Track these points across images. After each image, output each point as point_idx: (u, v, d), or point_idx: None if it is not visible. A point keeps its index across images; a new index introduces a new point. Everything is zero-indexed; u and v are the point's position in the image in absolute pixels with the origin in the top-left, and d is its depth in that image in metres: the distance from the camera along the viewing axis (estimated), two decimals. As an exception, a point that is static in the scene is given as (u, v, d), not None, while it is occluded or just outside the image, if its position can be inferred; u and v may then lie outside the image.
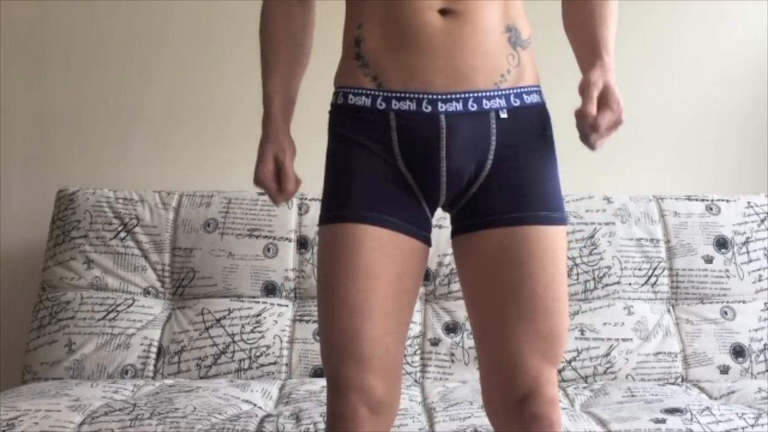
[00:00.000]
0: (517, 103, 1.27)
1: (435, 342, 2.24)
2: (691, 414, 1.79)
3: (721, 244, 2.34)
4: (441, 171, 1.25)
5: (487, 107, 1.25)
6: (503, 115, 1.26)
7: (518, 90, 1.27)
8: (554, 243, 1.24)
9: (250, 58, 2.57)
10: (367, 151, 1.26)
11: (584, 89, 1.23)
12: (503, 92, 1.26)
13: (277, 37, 1.39)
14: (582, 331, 2.23)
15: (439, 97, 1.23)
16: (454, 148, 1.24)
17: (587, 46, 1.30)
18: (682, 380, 2.20)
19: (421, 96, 1.24)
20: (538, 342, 1.22)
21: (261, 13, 1.41)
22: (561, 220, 1.27)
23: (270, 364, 2.20)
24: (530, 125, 1.29)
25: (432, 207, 1.30)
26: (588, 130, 1.21)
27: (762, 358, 2.22)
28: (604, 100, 1.22)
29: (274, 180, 1.35)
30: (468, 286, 1.30)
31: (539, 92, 1.31)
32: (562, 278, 1.25)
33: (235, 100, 2.63)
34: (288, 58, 1.39)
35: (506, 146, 1.26)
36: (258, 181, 1.37)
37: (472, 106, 1.24)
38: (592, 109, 1.20)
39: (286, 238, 2.32)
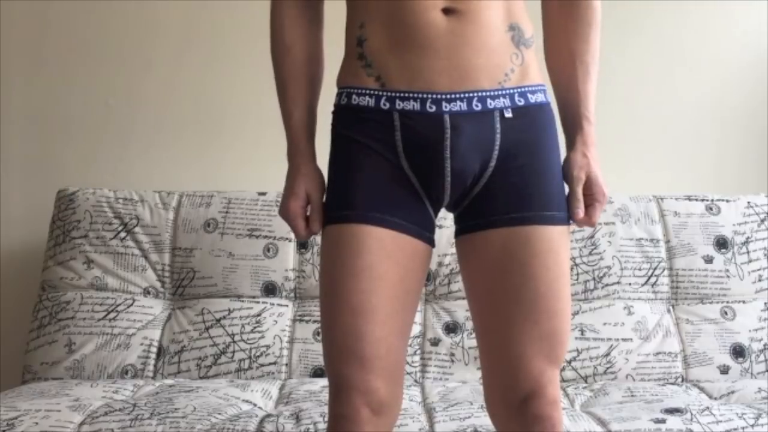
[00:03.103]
0: (522, 103, 1.27)
1: (435, 342, 2.24)
2: (691, 414, 1.79)
3: (721, 244, 2.34)
4: (445, 171, 1.25)
5: (492, 107, 1.25)
6: (507, 114, 1.25)
7: (522, 89, 1.27)
8: (558, 243, 1.24)
9: (251, 58, 2.59)
10: (371, 151, 1.26)
11: (569, 184, 1.30)
12: (507, 91, 1.26)
13: (292, 54, 1.34)
14: (582, 331, 2.23)
15: (443, 96, 1.23)
16: (459, 148, 1.24)
17: (567, 103, 1.34)
18: (682, 380, 2.20)
19: (425, 96, 1.24)
20: (541, 342, 1.22)
21: (272, 31, 1.37)
22: (564, 220, 1.27)
23: (270, 364, 2.20)
24: (534, 125, 1.28)
25: (436, 207, 1.29)
26: (582, 226, 1.31)
27: (762, 358, 2.22)
28: (590, 192, 1.30)
29: (303, 217, 1.33)
30: (471, 286, 1.30)
31: (543, 91, 1.30)
32: (565, 278, 1.25)
33: (236, 100, 2.63)
34: (306, 74, 1.35)
35: (510, 146, 1.25)
36: (286, 215, 1.34)
37: (477, 106, 1.24)
38: (581, 211, 1.28)
39: (286, 238, 2.32)
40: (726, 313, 2.28)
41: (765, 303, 2.30)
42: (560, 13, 1.34)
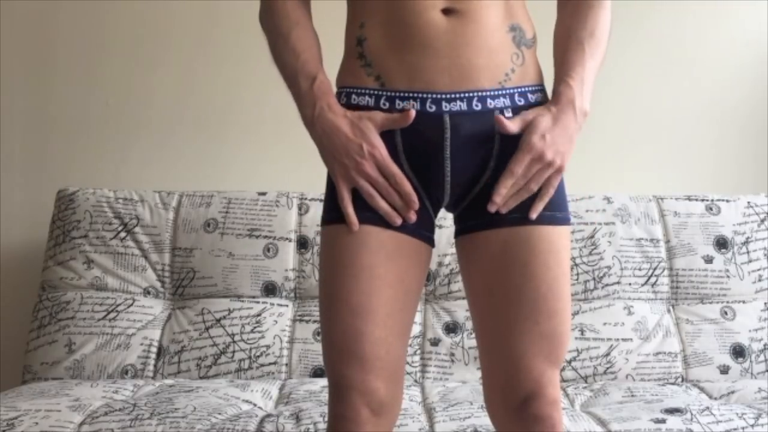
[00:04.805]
0: (522, 103, 1.27)
1: (435, 342, 2.24)
2: (691, 414, 1.80)
3: (721, 244, 2.34)
4: (445, 171, 1.24)
5: (492, 106, 1.24)
6: (507, 114, 1.25)
7: (523, 89, 1.27)
8: (558, 243, 1.24)
9: (251, 58, 2.59)
10: None
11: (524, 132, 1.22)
12: (507, 91, 1.25)
13: (302, 26, 1.29)
14: (582, 331, 2.23)
15: (443, 96, 1.23)
16: (458, 148, 1.24)
17: (555, 77, 1.28)
18: (682, 380, 2.20)
19: (424, 95, 1.23)
20: (541, 343, 1.22)
21: (271, 13, 1.33)
22: (565, 220, 1.27)
23: (270, 364, 2.20)
24: None
25: (435, 207, 1.29)
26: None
27: (762, 358, 2.22)
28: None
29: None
30: (471, 286, 1.29)
31: (543, 91, 1.30)
32: (566, 278, 1.25)
33: (236, 100, 2.63)
34: (317, 45, 1.30)
35: (510, 146, 1.25)
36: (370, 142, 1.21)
37: (477, 106, 1.24)
38: (507, 123, 1.21)
39: (286, 238, 2.32)
40: (726, 313, 2.29)
41: (765, 303, 2.31)
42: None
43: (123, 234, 2.33)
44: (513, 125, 1.22)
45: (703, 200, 2.40)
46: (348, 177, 1.22)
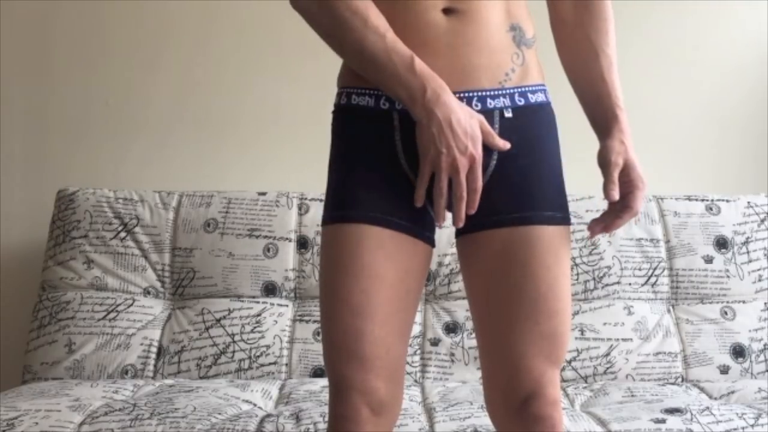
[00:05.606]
0: (522, 103, 1.27)
1: (435, 342, 2.24)
2: (691, 414, 1.80)
3: (721, 244, 2.34)
4: None
5: (491, 106, 1.24)
6: (507, 114, 1.25)
7: (523, 89, 1.27)
8: (558, 243, 1.24)
9: (251, 59, 2.60)
10: (370, 151, 1.25)
11: (606, 170, 1.27)
12: (508, 91, 1.25)
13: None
14: (582, 331, 2.23)
15: None
16: None
17: (596, 96, 1.31)
18: (682, 380, 2.20)
19: None
20: (541, 343, 1.22)
21: (317, 15, 1.25)
22: (565, 220, 1.27)
23: (270, 364, 2.20)
24: (535, 124, 1.28)
25: (435, 207, 1.29)
26: (622, 215, 1.29)
27: (762, 358, 2.22)
28: (629, 178, 1.28)
29: None
30: (471, 286, 1.29)
31: (544, 91, 1.30)
32: (566, 278, 1.25)
33: (236, 100, 2.63)
34: (381, 14, 1.22)
35: (510, 146, 1.25)
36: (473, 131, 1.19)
37: (476, 106, 1.23)
38: (615, 193, 1.26)
39: (286, 238, 2.32)
40: (726, 313, 2.29)
41: (765, 303, 2.31)
42: (576, 10, 1.34)
43: (123, 234, 2.33)
44: (615, 193, 1.27)
45: (703, 200, 2.40)
46: (437, 162, 1.19)
